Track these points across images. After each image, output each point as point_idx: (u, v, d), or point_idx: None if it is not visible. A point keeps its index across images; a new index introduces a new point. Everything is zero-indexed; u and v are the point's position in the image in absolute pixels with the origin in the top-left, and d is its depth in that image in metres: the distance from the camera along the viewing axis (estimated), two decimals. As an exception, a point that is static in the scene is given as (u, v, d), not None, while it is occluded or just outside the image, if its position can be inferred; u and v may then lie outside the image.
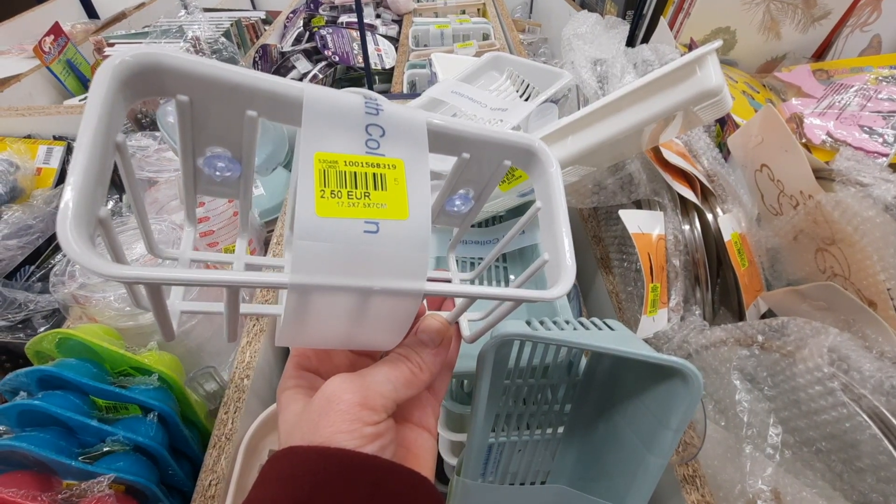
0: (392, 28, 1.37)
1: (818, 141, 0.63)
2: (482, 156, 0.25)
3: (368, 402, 0.22)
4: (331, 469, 0.20)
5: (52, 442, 0.38)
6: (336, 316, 0.21)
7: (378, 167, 0.20)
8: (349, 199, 0.19)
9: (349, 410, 0.21)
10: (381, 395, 0.22)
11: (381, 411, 0.22)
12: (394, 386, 0.23)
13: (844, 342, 0.32)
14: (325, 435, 0.21)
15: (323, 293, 0.19)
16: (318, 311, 0.21)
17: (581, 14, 0.80)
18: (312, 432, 0.21)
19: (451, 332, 0.26)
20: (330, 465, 0.20)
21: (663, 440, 0.30)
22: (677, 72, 0.35)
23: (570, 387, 0.36)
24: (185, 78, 0.19)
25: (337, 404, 0.22)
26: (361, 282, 0.19)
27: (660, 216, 0.49)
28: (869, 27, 0.82)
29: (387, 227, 0.19)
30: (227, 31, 1.17)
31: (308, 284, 0.19)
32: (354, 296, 0.20)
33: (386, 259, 0.19)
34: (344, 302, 0.20)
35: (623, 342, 0.31)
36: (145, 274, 0.16)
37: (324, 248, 0.18)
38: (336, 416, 0.21)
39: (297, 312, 0.20)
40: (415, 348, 0.25)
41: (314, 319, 0.21)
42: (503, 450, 0.37)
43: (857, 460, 0.30)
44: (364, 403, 0.22)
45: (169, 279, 0.17)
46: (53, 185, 0.87)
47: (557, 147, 0.43)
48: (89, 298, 0.45)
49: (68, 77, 1.14)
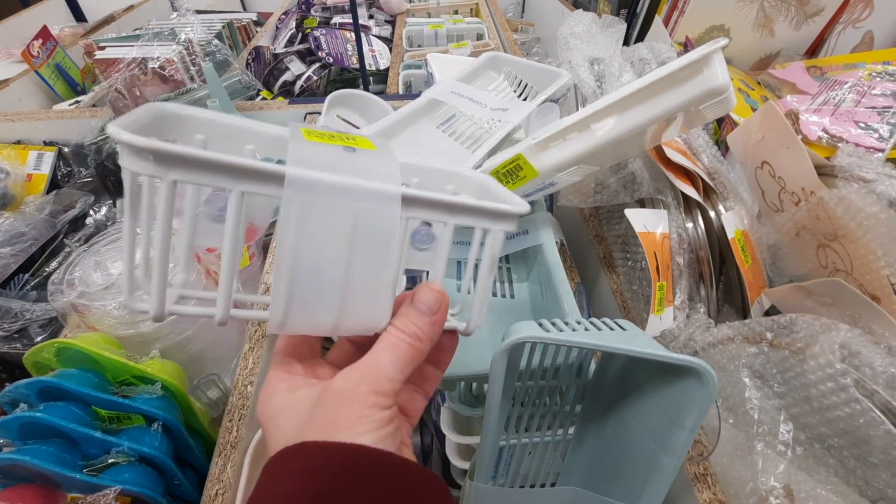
0: (385, 29, 1.37)
1: (814, 137, 0.63)
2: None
3: (381, 390, 0.23)
4: (348, 465, 0.21)
5: (55, 454, 0.37)
6: (326, 258, 0.22)
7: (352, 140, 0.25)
8: (330, 139, 0.24)
9: (365, 401, 0.22)
10: (390, 379, 0.23)
11: (391, 395, 0.23)
12: (400, 368, 0.24)
13: (855, 338, 0.32)
14: (345, 428, 0.21)
15: (315, 206, 0.21)
16: (308, 255, 0.22)
17: (577, 13, 0.80)
18: (331, 428, 0.22)
19: (447, 298, 0.26)
20: (347, 461, 0.21)
21: (677, 440, 0.30)
22: (684, 70, 0.35)
23: (580, 387, 0.36)
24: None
25: (354, 398, 0.22)
26: (347, 180, 0.21)
27: (664, 214, 0.49)
28: (861, 23, 0.83)
29: (361, 150, 0.24)
30: (219, 32, 1.16)
31: (305, 177, 0.20)
32: (343, 213, 0.21)
33: (365, 168, 0.22)
34: (332, 223, 0.21)
35: (636, 342, 0.31)
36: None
37: (315, 152, 0.22)
38: (355, 408, 0.22)
39: (290, 249, 0.21)
40: (410, 318, 0.25)
41: (304, 279, 0.22)
42: (514, 452, 0.37)
43: (870, 456, 0.30)
44: (378, 392, 0.23)
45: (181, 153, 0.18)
46: (45, 191, 0.86)
47: (560, 147, 0.42)
48: (88, 307, 0.45)
49: (57, 81, 1.12)
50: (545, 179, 0.44)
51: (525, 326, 0.30)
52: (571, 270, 0.59)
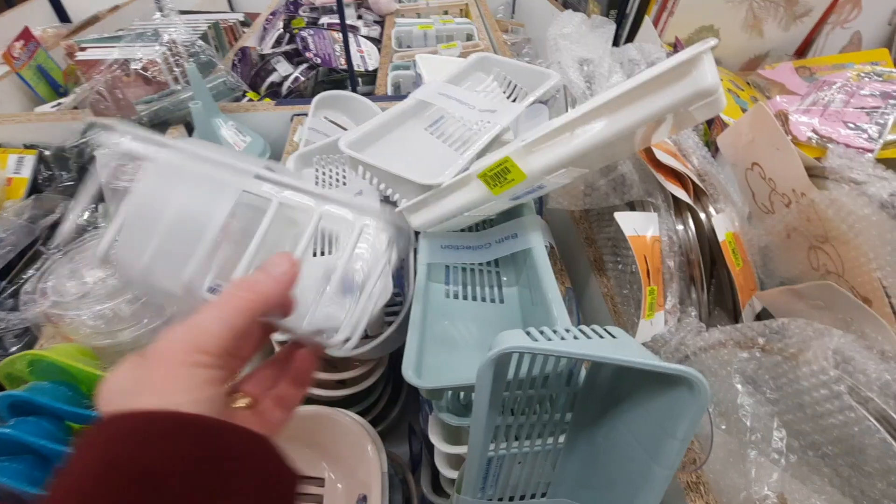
0: (374, 29, 1.35)
1: (804, 138, 0.63)
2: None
3: (201, 347, 0.21)
4: (153, 432, 0.19)
5: (25, 473, 0.36)
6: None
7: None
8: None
9: (182, 359, 0.21)
10: (212, 334, 0.22)
11: (214, 353, 0.22)
12: (225, 321, 0.22)
13: (848, 343, 0.31)
14: (158, 390, 0.20)
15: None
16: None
17: (566, 14, 0.79)
18: (147, 391, 0.20)
19: (297, 265, 0.26)
20: (153, 428, 0.19)
21: (669, 450, 0.29)
22: (672, 71, 0.34)
23: (570, 395, 0.35)
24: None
25: (171, 356, 0.21)
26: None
27: (654, 217, 0.48)
28: (849, 24, 0.83)
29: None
30: (204, 33, 1.14)
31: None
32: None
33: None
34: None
35: (626, 351, 0.30)
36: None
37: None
38: (171, 367, 0.21)
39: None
40: (248, 277, 0.25)
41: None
42: (502, 463, 0.36)
43: (865, 465, 0.29)
44: (198, 348, 0.21)
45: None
46: (25, 195, 0.84)
47: (549, 149, 0.42)
48: (62, 317, 0.43)
49: (39, 83, 1.10)
50: (534, 182, 0.43)
51: (512, 336, 0.29)
52: (561, 274, 0.58)
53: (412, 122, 0.58)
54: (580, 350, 0.28)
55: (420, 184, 0.46)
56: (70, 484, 0.19)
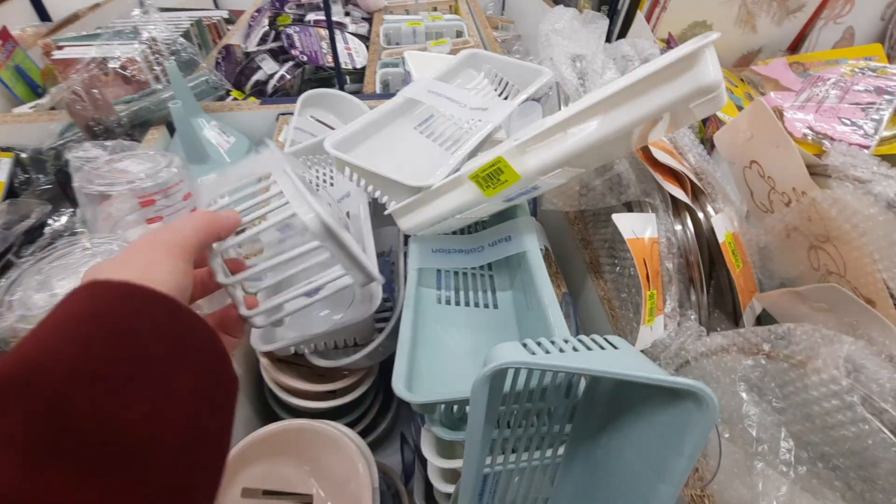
0: (362, 26, 1.33)
1: (799, 134, 0.62)
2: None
3: (179, 242, 0.26)
4: (136, 295, 0.22)
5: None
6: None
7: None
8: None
9: (167, 249, 0.25)
10: (188, 237, 0.27)
11: (189, 250, 0.27)
12: (197, 231, 0.28)
13: (859, 350, 0.30)
14: (138, 269, 0.23)
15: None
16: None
17: (558, 8, 0.77)
18: (124, 268, 0.23)
19: (238, 217, 0.31)
20: (135, 292, 0.22)
21: (675, 467, 0.28)
22: (672, 67, 0.32)
23: (569, 406, 0.34)
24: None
25: (156, 244, 0.25)
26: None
27: (652, 218, 0.47)
28: (842, 19, 0.83)
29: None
30: (186, 31, 1.11)
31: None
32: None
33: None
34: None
35: (628, 363, 0.29)
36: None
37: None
38: (153, 254, 0.25)
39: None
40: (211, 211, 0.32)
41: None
42: (499, 478, 0.34)
43: (879, 479, 0.28)
44: (177, 243, 0.26)
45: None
46: (1, 199, 0.81)
47: (543, 148, 0.40)
48: (32, 330, 0.41)
49: (17, 84, 1.07)
50: (528, 183, 0.41)
51: (508, 350, 0.27)
52: (557, 277, 0.56)
53: (401, 120, 0.56)
54: (581, 364, 0.26)
55: (409, 186, 0.44)
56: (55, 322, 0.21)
